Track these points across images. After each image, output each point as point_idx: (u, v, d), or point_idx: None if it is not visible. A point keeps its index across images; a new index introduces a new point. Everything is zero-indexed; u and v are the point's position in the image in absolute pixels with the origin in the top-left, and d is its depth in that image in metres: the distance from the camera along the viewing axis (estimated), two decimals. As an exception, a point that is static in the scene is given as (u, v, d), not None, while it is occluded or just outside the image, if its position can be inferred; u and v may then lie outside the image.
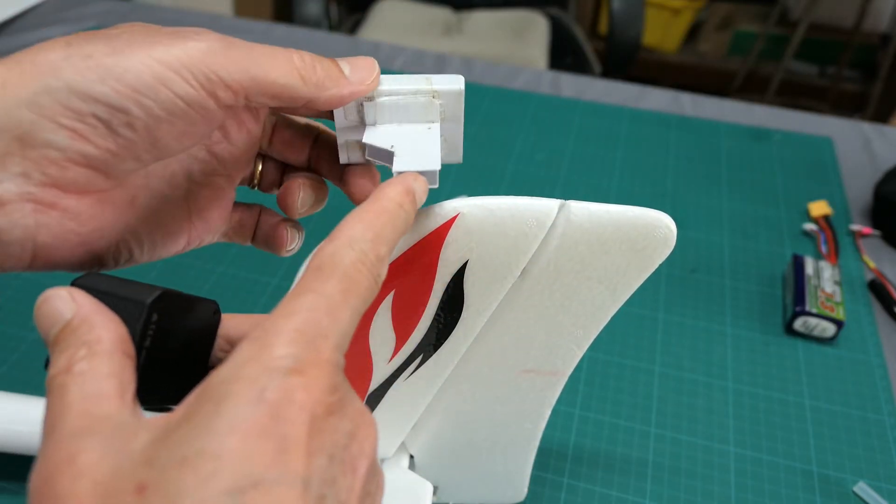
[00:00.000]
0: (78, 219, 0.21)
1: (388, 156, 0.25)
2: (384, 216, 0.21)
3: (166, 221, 0.26)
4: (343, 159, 0.26)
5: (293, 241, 0.29)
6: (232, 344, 0.26)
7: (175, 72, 0.20)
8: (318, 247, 0.20)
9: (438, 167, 0.24)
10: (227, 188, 0.27)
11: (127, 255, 0.25)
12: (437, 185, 0.25)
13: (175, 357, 0.22)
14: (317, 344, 0.17)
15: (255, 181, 0.29)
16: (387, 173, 0.24)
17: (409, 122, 0.25)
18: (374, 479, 0.19)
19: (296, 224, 0.30)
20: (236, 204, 0.29)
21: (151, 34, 0.20)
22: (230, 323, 0.26)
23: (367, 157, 0.26)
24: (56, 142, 0.19)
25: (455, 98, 0.25)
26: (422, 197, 0.23)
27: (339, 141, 0.26)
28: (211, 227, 0.27)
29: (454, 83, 0.25)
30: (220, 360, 0.25)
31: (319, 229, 0.59)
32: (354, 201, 0.27)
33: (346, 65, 0.24)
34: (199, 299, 0.24)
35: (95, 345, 0.18)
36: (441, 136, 0.25)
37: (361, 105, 0.25)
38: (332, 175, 0.28)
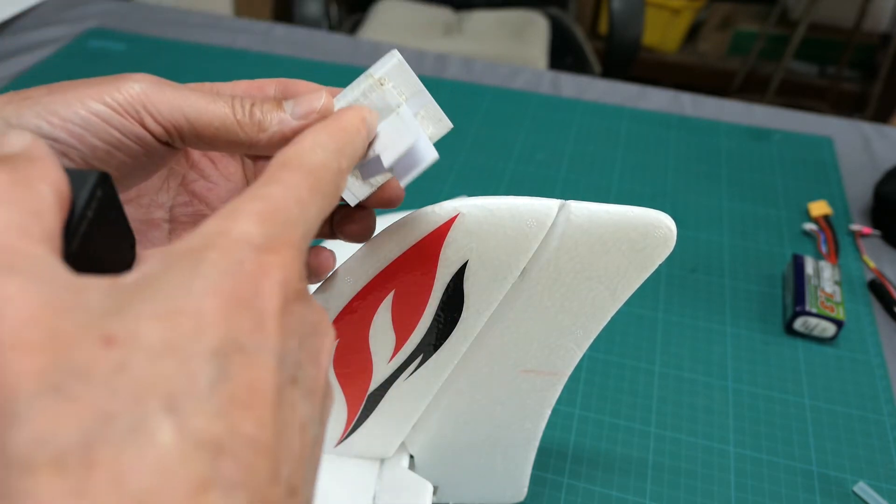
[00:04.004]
0: None
1: (377, 162, 0.24)
2: (346, 135, 0.21)
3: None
4: (351, 200, 0.25)
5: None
6: None
7: (105, 104, 0.21)
8: (280, 151, 0.19)
9: (420, 134, 0.24)
10: None
11: None
12: (433, 158, 0.24)
13: (102, 245, 0.19)
14: (287, 228, 0.17)
15: None
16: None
17: (380, 121, 0.24)
18: (329, 389, 0.18)
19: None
20: None
21: (90, 80, 0.22)
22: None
23: (365, 180, 0.25)
24: None
25: (399, 72, 0.24)
26: (372, 131, 0.23)
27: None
28: None
29: (389, 59, 0.24)
30: None
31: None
32: (352, 236, 0.27)
33: (290, 103, 0.23)
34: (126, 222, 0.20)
35: (35, 180, 0.15)
36: (417, 113, 0.25)
37: None
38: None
